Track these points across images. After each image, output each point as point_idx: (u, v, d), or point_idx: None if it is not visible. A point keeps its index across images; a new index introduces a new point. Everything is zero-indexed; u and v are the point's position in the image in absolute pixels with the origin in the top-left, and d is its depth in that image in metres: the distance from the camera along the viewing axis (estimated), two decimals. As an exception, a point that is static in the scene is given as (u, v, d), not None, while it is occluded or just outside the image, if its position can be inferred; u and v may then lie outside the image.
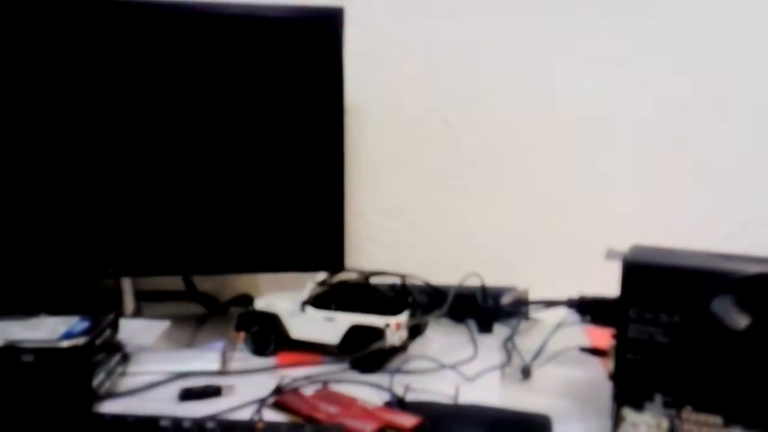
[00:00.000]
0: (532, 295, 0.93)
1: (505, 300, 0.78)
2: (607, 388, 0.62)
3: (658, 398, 0.58)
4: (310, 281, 0.85)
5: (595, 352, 0.71)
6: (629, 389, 0.59)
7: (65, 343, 0.66)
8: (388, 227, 1.08)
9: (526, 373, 0.78)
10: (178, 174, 0.86)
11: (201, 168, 0.86)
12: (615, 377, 0.61)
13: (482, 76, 1.04)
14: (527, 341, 0.86)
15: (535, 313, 0.95)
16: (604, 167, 1.04)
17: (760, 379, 0.55)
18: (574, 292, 0.74)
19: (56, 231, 0.84)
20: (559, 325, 0.79)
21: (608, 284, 0.65)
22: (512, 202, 1.06)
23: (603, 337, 0.67)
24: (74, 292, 1.04)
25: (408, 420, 0.64)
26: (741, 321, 0.54)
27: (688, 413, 0.56)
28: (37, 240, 0.84)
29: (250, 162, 0.87)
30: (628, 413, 0.59)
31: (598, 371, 0.75)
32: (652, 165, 1.04)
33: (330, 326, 0.81)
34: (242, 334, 0.85)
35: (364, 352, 0.75)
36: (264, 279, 1.08)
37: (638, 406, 0.59)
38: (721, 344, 0.55)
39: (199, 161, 0.86)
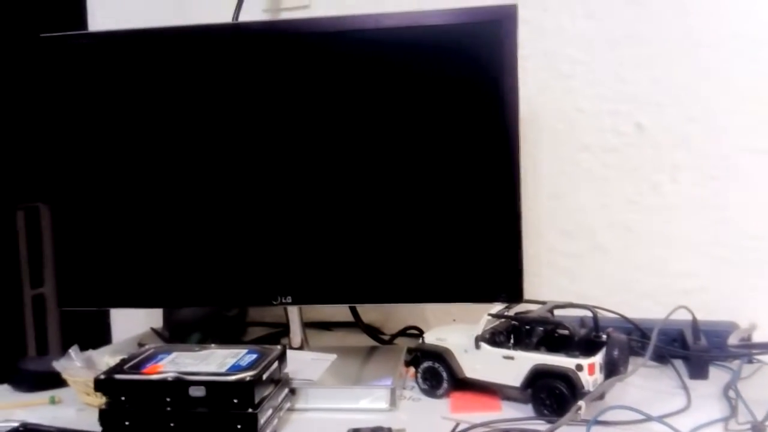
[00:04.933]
0: (759, 334, 0.81)
1: (733, 341, 0.67)
2: None
3: None
4: (484, 313, 0.80)
5: None
6: None
7: (232, 378, 0.67)
8: (572, 251, 1.01)
9: (758, 430, 0.66)
10: (345, 200, 0.86)
11: (367, 192, 0.85)
12: None
13: (679, 72, 0.94)
14: (754, 390, 0.75)
15: (762, 355, 0.82)
16: None
17: None
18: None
19: (227, 260, 0.88)
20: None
21: None
22: (725, 217, 0.94)
23: None
24: (244, 322, 1.09)
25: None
26: None
27: None
28: (208, 269, 0.88)
29: (417, 183, 0.85)
30: None
31: None
32: None
33: (509, 366, 0.75)
34: (412, 370, 0.83)
35: (558, 424, 0.66)
36: (431, 310, 1.06)
37: None
38: None
39: (366, 186, 0.85)
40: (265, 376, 0.69)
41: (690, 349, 0.83)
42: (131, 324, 1.13)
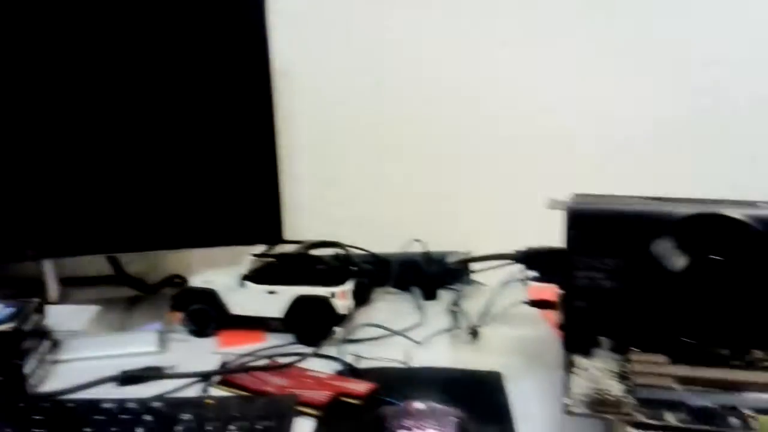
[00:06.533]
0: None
1: (451, 259, 0.81)
2: (555, 342, 0.67)
3: (606, 342, 0.63)
4: (248, 255, 0.85)
5: (541, 304, 0.76)
6: (578, 336, 0.64)
7: (-8, 330, 0.65)
8: (326, 197, 1.10)
9: (473, 333, 0.82)
10: (99, 145, 0.84)
11: (123, 139, 0.85)
12: (563, 326, 0.66)
13: (413, 36, 1.06)
14: (473, 305, 0.90)
15: (479, 277, 0.99)
16: (542, 124, 1.08)
17: (699, 317, 0.61)
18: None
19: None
20: (505, 284, 0.84)
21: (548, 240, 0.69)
22: (453, 162, 1.09)
23: (546, 293, 0.73)
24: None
25: (362, 386, 0.67)
26: (680, 261, 0.60)
27: (636, 355, 0.62)
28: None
29: (175, 132, 0.86)
30: (579, 360, 0.63)
31: (545, 327, 0.81)
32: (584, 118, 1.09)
33: (273, 300, 0.82)
34: (179, 315, 0.85)
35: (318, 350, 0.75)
36: (196, 259, 1.07)
37: (587, 353, 0.64)
38: (662, 285, 0.61)
39: (122, 132, 0.84)
40: (25, 328, 0.67)
41: (423, 276, 0.98)
42: None
